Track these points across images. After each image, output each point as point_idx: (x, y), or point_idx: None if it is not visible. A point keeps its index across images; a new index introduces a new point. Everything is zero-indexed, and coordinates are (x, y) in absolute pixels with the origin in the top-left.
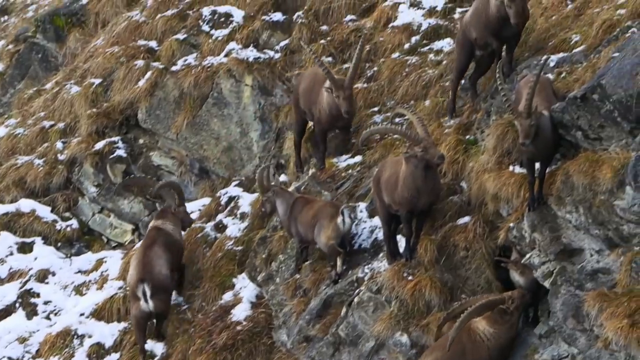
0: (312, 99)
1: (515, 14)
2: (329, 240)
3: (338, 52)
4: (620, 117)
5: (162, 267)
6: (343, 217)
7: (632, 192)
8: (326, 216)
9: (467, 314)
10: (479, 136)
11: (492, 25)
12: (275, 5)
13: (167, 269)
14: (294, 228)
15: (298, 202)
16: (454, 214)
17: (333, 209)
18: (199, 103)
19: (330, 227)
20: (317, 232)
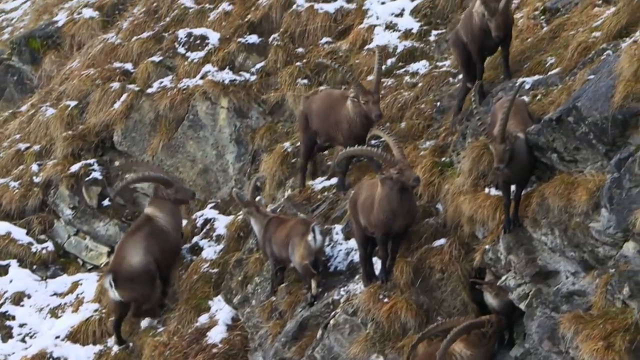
0: (331, 119)
1: (496, 28)
2: (303, 259)
3: (314, 74)
4: (595, 140)
5: (134, 257)
6: (314, 235)
7: (608, 214)
8: (297, 234)
9: (450, 338)
10: (455, 158)
11: (475, 36)
12: (250, 28)
13: (143, 257)
14: (268, 249)
15: (272, 222)
16: (430, 236)
17: (304, 226)
18: (174, 125)
19: (302, 245)
20: (290, 250)
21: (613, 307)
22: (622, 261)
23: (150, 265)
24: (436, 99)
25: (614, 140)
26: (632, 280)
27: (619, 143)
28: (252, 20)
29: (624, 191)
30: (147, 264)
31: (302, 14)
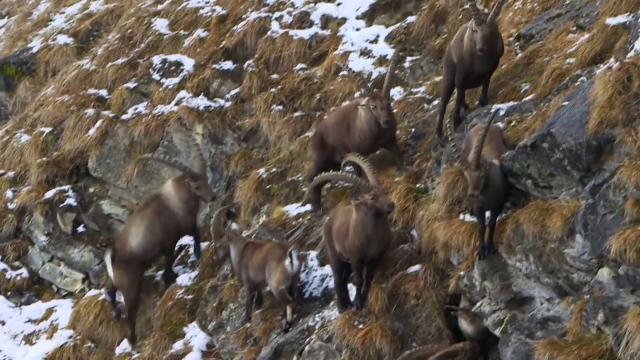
0: (343, 129)
1: (481, 39)
2: (279, 284)
3: (289, 100)
4: (570, 166)
5: (135, 238)
6: (291, 259)
7: (582, 240)
8: (274, 258)
9: None
10: (430, 184)
11: (464, 61)
12: (225, 54)
13: (142, 239)
14: (244, 274)
15: (248, 246)
16: (405, 262)
17: (281, 250)
18: (149, 151)
19: (278, 269)
20: (267, 274)
21: (588, 333)
22: (597, 287)
23: (147, 251)
24: (411, 125)
25: (589, 166)
26: (607, 307)
27: (593, 169)
28: (227, 46)
29: (599, 217)
30: (145, 248)
31: (276, 41)
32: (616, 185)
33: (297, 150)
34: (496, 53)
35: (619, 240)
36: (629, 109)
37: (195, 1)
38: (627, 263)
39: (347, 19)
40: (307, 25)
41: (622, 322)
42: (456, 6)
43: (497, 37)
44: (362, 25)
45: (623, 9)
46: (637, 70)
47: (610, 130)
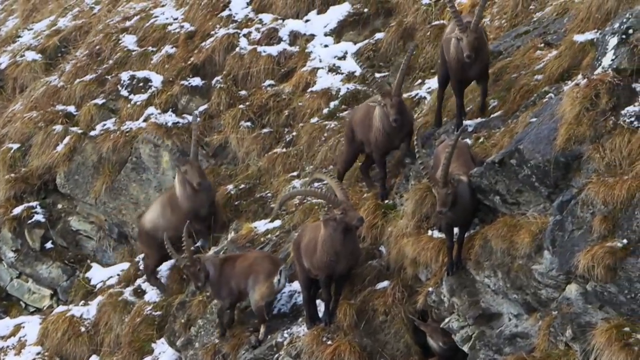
0: (366, 126)
1: (467, 46)
2: (262, 299)
3: (257, 116)
4: (538, 182)
5: (149, 215)
6: (280, 277)
7: (550, 256)
8: (263, 271)
9: None
10: (398, 201)
11: (452, 68)
12: (193, 71)
13: (153, 220)
14: (225, 289)
15: (228, 261)
16: (373, 278)
17: (272, 265)
18: (117, 168)
19: (265, 284)
20: (251, 284)
21: (556, 349)
22: (565, 303)
23: (157, 230)
24: None
25: (557, 182)
26: (575, 323)
27: (561, 185)
28: (195, 62)
29: (567, 233)
30: (155, 226)
31: (245, 57)
32: (584, 202)
33: (265, 166)
34: (484, 58)
35: (586, 257)
36: (597, 125)
37: (164, 18)
38: (595, 279)
39: (316, 36)
40: (275, 42)
41: (590, 338)
42: (424, 23)
43: (484, 41)
44: (330, 42)
45: (590, 26)
46: (604, 86)
47: (578, 146)
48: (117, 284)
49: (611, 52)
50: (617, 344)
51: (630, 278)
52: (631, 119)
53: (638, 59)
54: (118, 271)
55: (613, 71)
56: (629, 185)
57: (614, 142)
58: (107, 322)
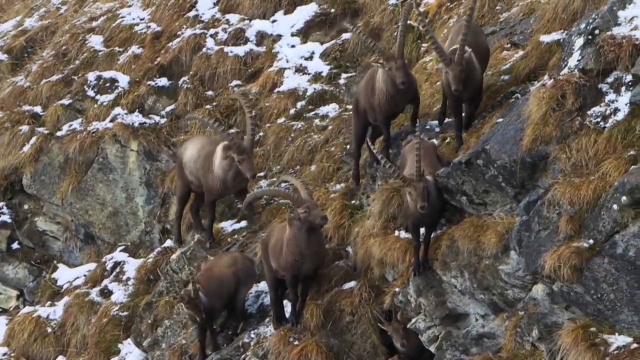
0: (369, 91)
1: (453, 80)
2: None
3: (224, 117)
4: (504, 182)
5: (189, 149)
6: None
7: (517, 257)
8: (246, 267)
9: None
10: (365, 201)
11: (446, 92)
12: (160, 71)
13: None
14: (218, 306)
15: (208, 279)
16: (340, 278)
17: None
18: (84, 168)
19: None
20: (243, 279)
21: (522, 349)
22: (531, 304)
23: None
24: (346, 142)
25: (523, 183)
26: (541, 323)
27: (527, 186)
28: (162, 63)
29: (533, 234)
30: (185, 165)
31: (212, 57)
32: (550, 202)
33: None
34: (474, 83)
35: (553, 257)
36: (563, 125)
37: (130, 18)
38: (561, 279)
39: (282, 36)
40: (242, 42)
41: (557, 339)
42: (391, 23)
43: (472, 68)
44: (297, 42)
45: (557, 27)
46: (570, 87)
47: (545, 147)
48: (84, 284)
49: (577, 52)
50: (584, 344)
51: (596, 278)
52: (597, 119)
53: (604, 60)
54: (84, 272)
55: (579, 71)
56: (595, 186)
57: (580, 143)
58: (74, 322)
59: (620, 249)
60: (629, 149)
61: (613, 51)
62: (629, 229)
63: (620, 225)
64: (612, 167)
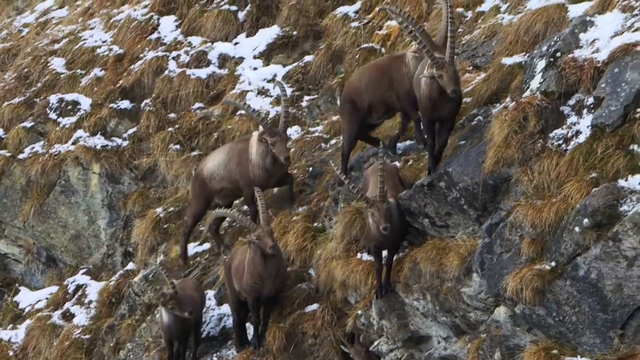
0: (386, 83)
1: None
2: None
3: (186, 139)
4: (467, 205)
5: (209, 160)
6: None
7: (479, 279)
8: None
9: None
10: (327, 223)
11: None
12: (123, 93)
13: (214, 165)
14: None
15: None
16: (302, 301)
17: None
18: (46, 191)
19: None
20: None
21: None
22: (494, 326)
23: (213, 179)
24: (308, 165)
25: (485, 205)
26: (504, 345)
27: (489, 208)
28: (124, 85)
29: (495, 256)
30: (211, 174)
31: (174, 80)
32: (512, 225)
33: None
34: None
35: (515, 279)
36: (525, 148)
37: (93, 40)
38: (523, 302)
39: (245, 58)
40: (204, 65)
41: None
42: (353, 46)
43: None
44: (259, 65)
45: (519, 49)
46: (532, 109)
47: (507, 169)
48: (46, 307)
49: (539, 75)
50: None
51: (558, 301)
52: (559, 142)
53: (566, 82)
54: (47, 295)
55: (541, 94)
56: (557, 208)
57: (542, 165)
58: (36, 346)
59: (582, 272)
60: (591, 171)
61: (575, 74)
62: (591, 251)
63: (582, 247)
64: (574, 190)
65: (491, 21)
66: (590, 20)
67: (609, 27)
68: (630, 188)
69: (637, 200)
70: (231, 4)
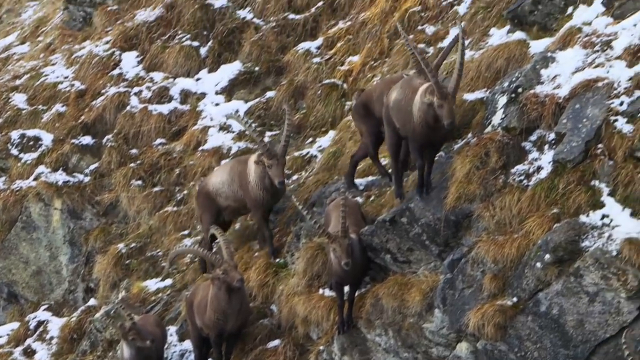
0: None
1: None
2: None
3: (148, 175)
4: (428, 241)
5: (214, 176)
6: None
7: (441, 315)
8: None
9: None
10: (289, 259)
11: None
12: (84, 129)
13: (219, 182)
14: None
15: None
16: (265, 337)
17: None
18: (7, 227)
19: None
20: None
21: None
22: None
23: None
24: None
25: (447, 241)
26: None
27: (451, 244)
28: (86, 121)
29: (457, 292)
30: (215, 192)
31: (136, 115)
32: (474, 260)
33: (156, 225)
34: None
35: (477, 315)
36: (487, 184)
37: (54, 76)
38: (485, 337)
39: (207, 94)
40: (166, 100)
41: None
42: (315, 81)
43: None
44: (221, 100)
45: (480, 85)
46: (494, 145)
47: (469, 205)
48: (7, 343)
49: (501, 110)
50: None
51: (520, 336)
52: (520, 178)
53: (527, 118)
54: (8, 331)
55: (503, 130)
56: (518, 244)
57: (503, 201)
58: None
59: (544, 307)
60: (552, 207)
61: (536, 109)
62: (553, 286)
63: (543, 283)
64: (536, 225)
65: (453, 57)
66: (552, 56)
67: (570, 63)
68: (592, 224)
69: (599, 236)
70: (193, 39)
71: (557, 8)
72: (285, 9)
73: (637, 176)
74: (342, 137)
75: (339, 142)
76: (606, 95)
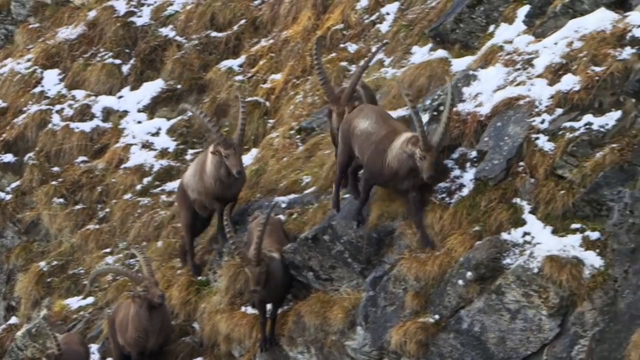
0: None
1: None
2: None
3: (70, 193)
4: (351, 258)
5: (188, 169)
6: None
7: (363, 332)
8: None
9: None
10: (212, 277)
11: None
12: (6, 147)
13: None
14: None
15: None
16: (187, 355)
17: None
18: None
19: None
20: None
21: None
22: None
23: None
24: None
25: (369, 258)
26: None
27: (374, 261)
28: (7, 139)
29: (379, 309)
30: (187, 185)
31: (57, 133)
32: (396, 278)
33: (78, 243)
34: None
35: (399, 332)
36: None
37: None
38: (407, 355)
39: (129, 112)
40: (88, 118)
41: None
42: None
43: None
44: (143, 118)
45: (403, 103)
46: None
47: (390, 222)
48: None
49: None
50: None
51: (441, 353)
52: (442, 195)
53: (449, 136)
54: None
55: None
56: (440, 261)
57: (425, 218)
58: None
59: (466, 324)
60: (474, 224)
61: (458, 127)
62: (475, 304)
63: (465, 300)
64: (458, 243)
65: (375, 75)
66: (474, 74)
67: (492, 81)
68: (513, 241)
69: (520, 253)
70: (115, 57)
71: (479, 26)
72: (207, 27)
73: (558, 194)
74: (265, 154)
75: (261, 160)
76: (527, 114)
